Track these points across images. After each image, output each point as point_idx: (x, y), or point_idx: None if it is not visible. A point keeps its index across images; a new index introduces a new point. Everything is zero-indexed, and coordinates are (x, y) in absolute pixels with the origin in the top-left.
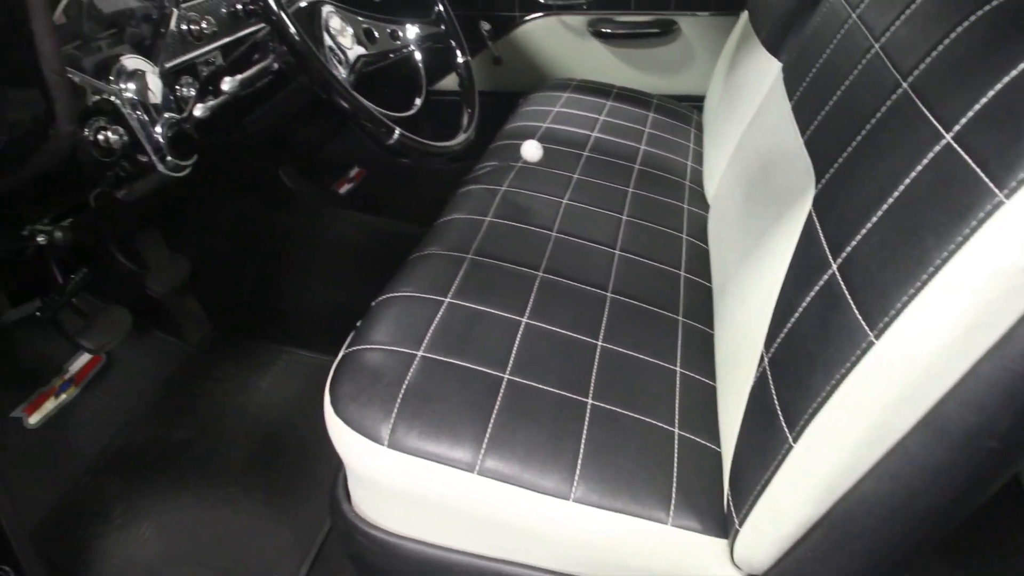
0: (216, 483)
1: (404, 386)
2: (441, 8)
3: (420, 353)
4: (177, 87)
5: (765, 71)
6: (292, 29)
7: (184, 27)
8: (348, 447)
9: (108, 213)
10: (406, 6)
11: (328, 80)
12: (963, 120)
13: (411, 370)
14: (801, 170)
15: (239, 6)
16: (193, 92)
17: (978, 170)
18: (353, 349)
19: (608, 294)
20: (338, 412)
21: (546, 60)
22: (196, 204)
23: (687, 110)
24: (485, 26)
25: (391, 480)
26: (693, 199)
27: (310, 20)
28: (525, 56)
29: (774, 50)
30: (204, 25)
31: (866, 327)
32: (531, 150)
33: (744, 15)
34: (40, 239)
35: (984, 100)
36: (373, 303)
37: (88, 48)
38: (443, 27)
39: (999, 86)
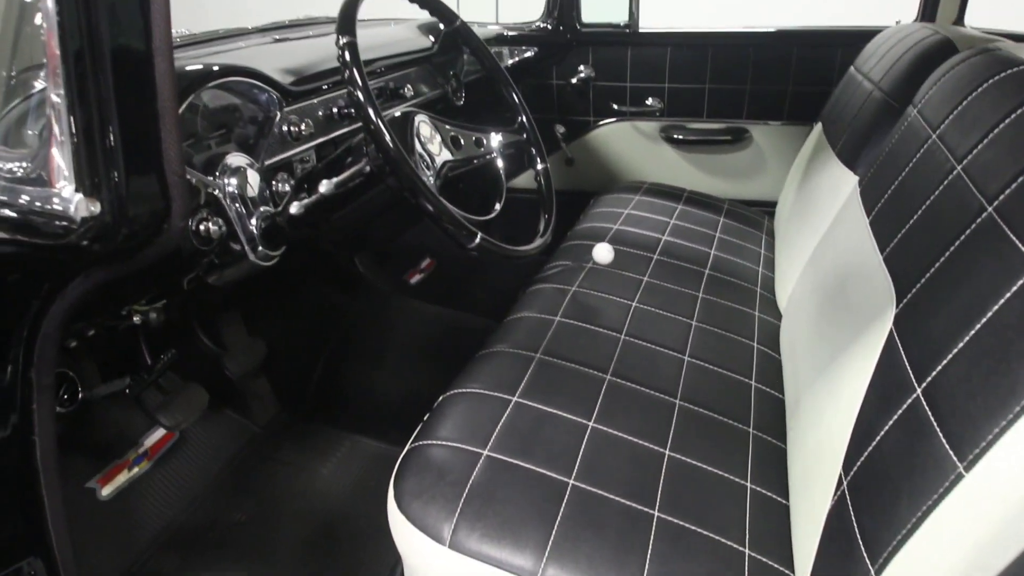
0: (271, 568)
1: (468, 486)
2: (524, 119)
3: (486, 452)
4: (274, 182)
5: (840, 183)
6: (388, 137)
7: (285, 128)
8: (408, 544)
9: (198, 296)
10: (492, 116)
11: (417, 185)
12: None
13: (476, 469)
14: (881, 287)
15: (335, 109)
16: (288, 187)
17: None
18: (419, 444)
19: (677, 401)
20: (401, 508)
21: (618, 162)
22: (275, 288)
23: (758, 215)
24: (560, 129)
25: None
26: (764, 307)
27: (403, 128)
28: (597, 158)
29: (850, 163)
30: (303, 127)
31: (955, 458)
32: (603, 252)
33: (818, 126)
34: (136, 319)
35: None
36: (441, 398)
37: (200, 146)
38: (524, 135)
39: None
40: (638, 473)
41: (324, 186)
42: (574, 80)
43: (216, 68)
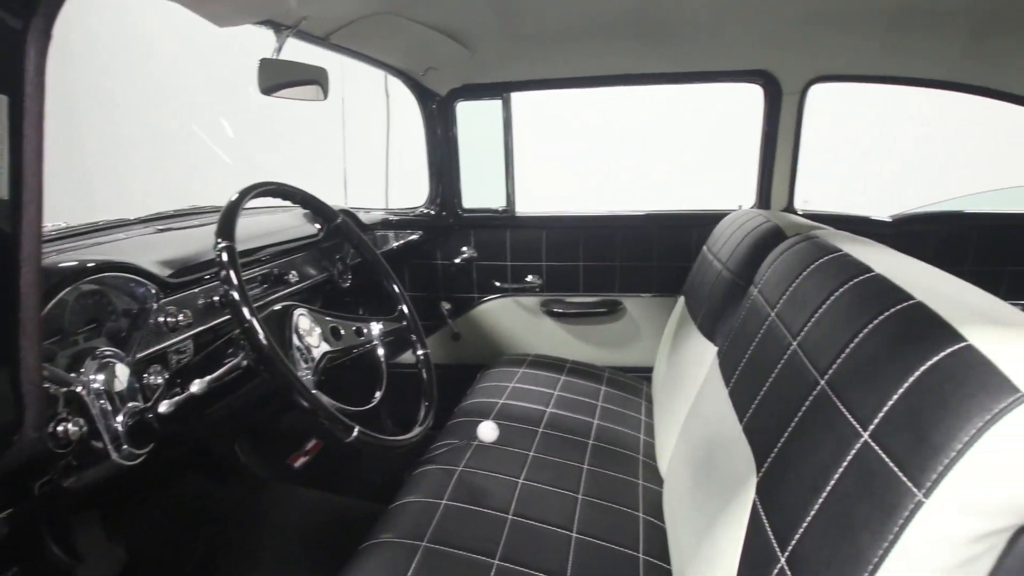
0: None
1: None
2: (405, 308)
3: None
4: (146, 375)
5: (703, 354)
6: (261, 335)
7: (161, 319)
8: None
9: (51, 502)
10: (379, 297)
11: (291, 382)
12: (876, 420)
13: None
14: (743, 456)
15: (215, 298)
16: (161, 380)
17: (896, 469)
18: None
19: None
20: None
21: (503, 336)
22: (141, 485)
23: (637, 382)
24: (446, 306)
25: None
26: (647, 474)
27: (281, 322)
28: (483, 332)
29: (709, 335)
30: (181, 317)
31: None
32: (487, 431)
33: (681, 299)
34: None
35: (891, 402)
36: None
37: (65, 342)
38: (405, 323)
39: (902, 389)
40: None
41: (196, 385)
42: (458, 260)
43: (91, 264)
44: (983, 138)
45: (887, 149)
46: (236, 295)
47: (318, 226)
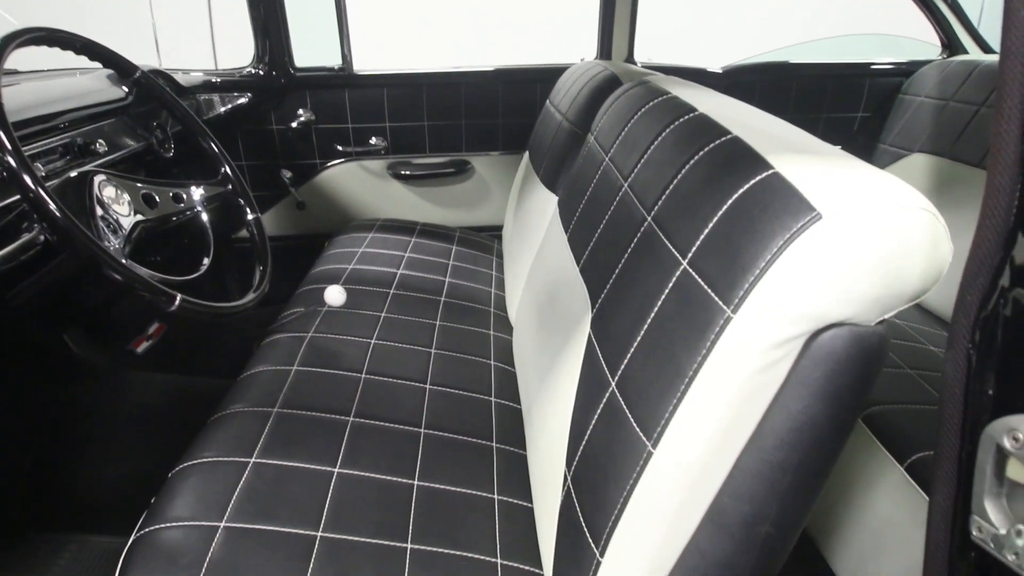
0: None
1: (205, 565)
2: (227, 170)
3: (223, 524)
4: None
5: (545, 204)
6: (52, 206)
7: None
8: None
9: None
10: (190, 164)
11: (96, 255)
12: (694, 248)
13: (213, 545)
14: (579, 296)
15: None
16: None
17: (709, 290)
18: (146, 531)
19: (421, 430)
20: None
21: (350, 202)
22: None
23: (488, 239)
24: (286, 174)
25: None
26: (498, 324)
27: (79, 190)
28: (329, 199)
29: (551, 186)
30: None
31: (644, 438)
32: (334, 295)
33: (526, 154)
34: None
35: (707, 230)
36: (170, 474)
37: None
38: (230, 186)
39: (717, 217)
40: (388, 510)
41: None
42: (294, 124)
43: None
44: None
45: (719, 4)
46: (12, 161)
47: (126, 89)
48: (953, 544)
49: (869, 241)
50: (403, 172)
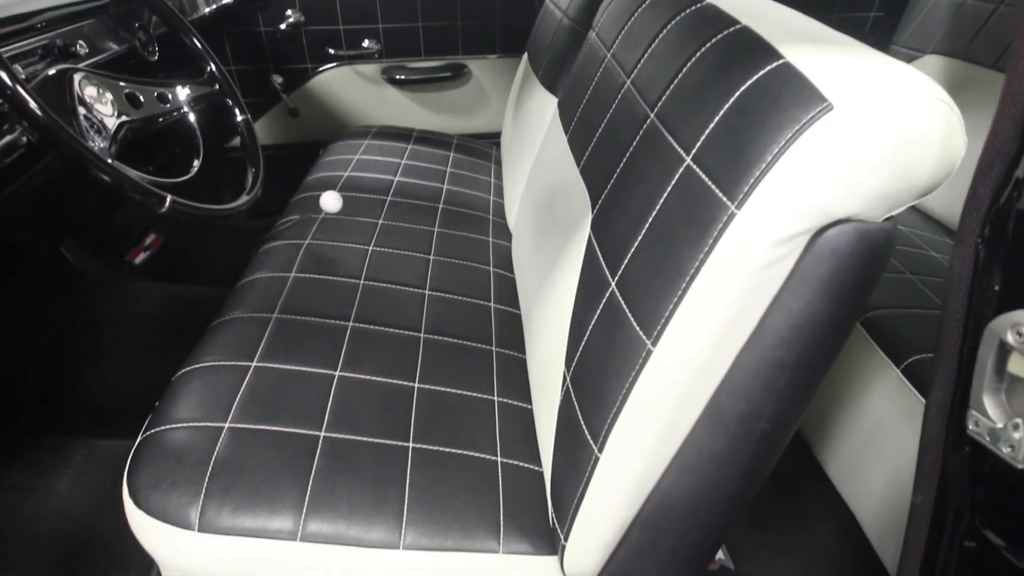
0: None
1: (212, 463)
2: (213, 68)
3: (227, 425)
4: None
5: (545, 107)
6: (32, 104)
7: None
8: (155, 541)
9: None
10: (176, 68)
11: (81, 154)
12: (698, 143)
13: (219, 444)
14: (580, 198)
15: None
16: None
17: (713, 186)
18: (152, 432)
19: (421, 335)
20: (139, 504)
21: (344, 108)
22: None
23: (486, 147)
24: (277, 79)
25: (210, 566)
26: (497, 231)
27: (58, 89)
28: (322, 106)
29: (550, 87)
30: None
31: (644, 336)
32: (330, 201)
33: (525, 56)
34: None
35: (713, 124)
36: (173, 378)
37: None
38: (217, 87)
39: (723, 110)
40: (389, 411)
41: None
42: (283, 26)
43: None
44: None
45: None
46: None
47: None
48: (948, 439)
49: (882, 132)
50: (398, 77)
